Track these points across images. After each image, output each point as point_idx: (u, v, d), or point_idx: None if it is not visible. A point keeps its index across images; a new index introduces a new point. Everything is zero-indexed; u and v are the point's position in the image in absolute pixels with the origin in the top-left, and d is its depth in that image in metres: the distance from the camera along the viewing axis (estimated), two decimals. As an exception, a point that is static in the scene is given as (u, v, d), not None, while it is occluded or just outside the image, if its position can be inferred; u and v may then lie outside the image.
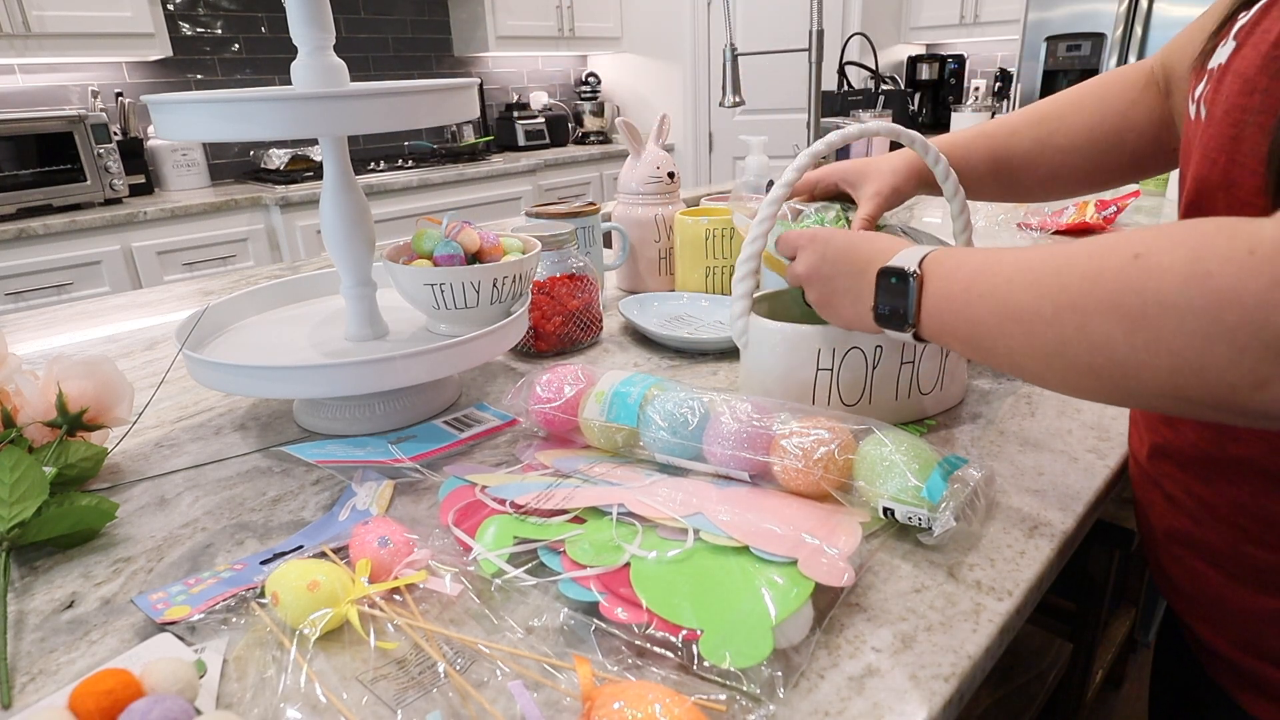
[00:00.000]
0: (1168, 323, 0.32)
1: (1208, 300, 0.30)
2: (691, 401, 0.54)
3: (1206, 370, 0.31)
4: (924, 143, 0.61)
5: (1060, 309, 0.37)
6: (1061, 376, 0.38)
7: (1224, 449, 0.44)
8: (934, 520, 0.45)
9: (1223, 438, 0.44)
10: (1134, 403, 0.37)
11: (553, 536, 0.46)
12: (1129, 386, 0.35)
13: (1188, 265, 0.31)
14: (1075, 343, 0.36)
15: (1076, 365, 0.37)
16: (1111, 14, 2.67)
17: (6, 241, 2.06)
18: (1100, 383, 0.36)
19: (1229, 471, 0.44)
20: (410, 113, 0.58)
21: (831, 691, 0.38)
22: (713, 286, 0.97)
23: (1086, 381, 0.37)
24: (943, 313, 0.46)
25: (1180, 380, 0.32)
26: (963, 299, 0.44)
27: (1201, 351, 0.31)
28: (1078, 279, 0.36)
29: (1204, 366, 0.31)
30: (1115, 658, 1.24)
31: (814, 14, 1.48)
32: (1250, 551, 0.43)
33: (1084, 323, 0.35)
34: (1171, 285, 0.32)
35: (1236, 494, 0.44)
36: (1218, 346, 0.30)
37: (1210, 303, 0.30)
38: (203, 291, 1.20)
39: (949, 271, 0.46)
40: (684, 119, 3.76)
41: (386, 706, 0.37)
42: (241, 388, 0.60)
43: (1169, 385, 0.33)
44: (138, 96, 2.62)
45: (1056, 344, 0.37)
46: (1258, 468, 0.42)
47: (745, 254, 0.61)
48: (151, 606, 0.44)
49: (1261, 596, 0.44)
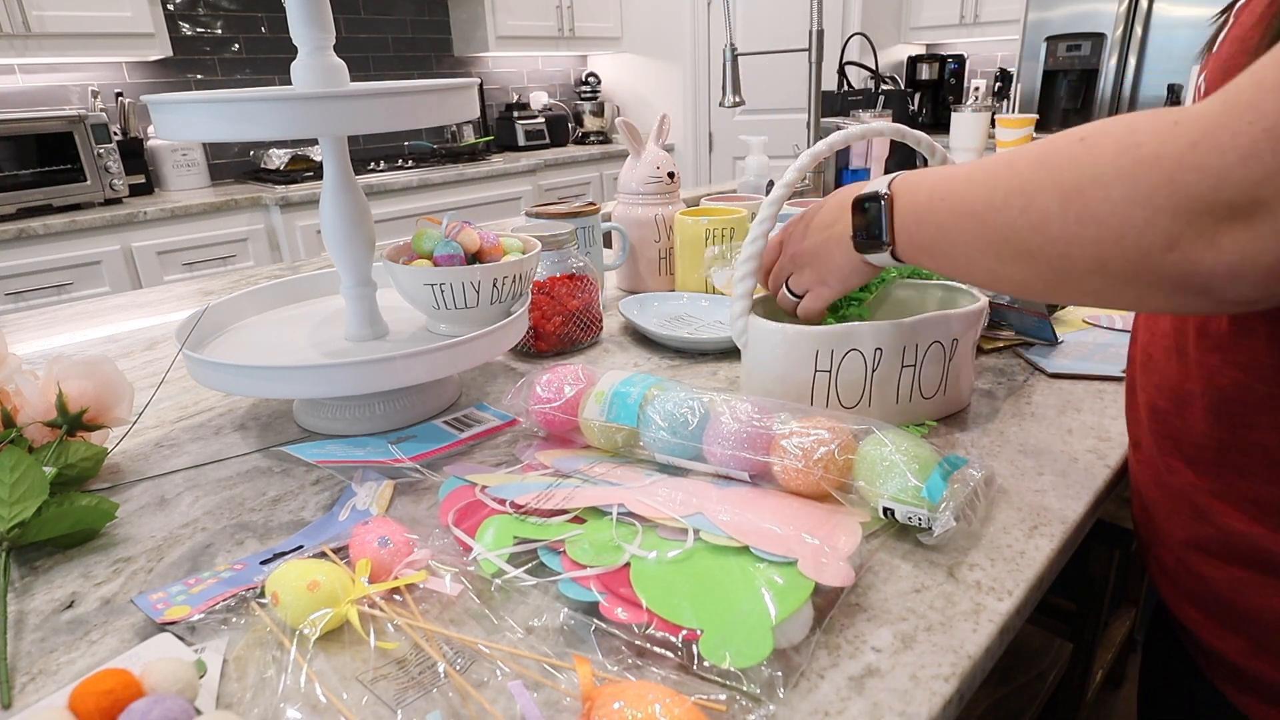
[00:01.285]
0: (1096, 191, 0.34)
1: (1133, 167, 0.33)
2: (691, 401, 0.54)
3: (1125, 235, 0.33)
4: (930, 143, 0.61)
5: (1009, 193, 0.39)
6: (1008, 267, 0.41)
7: (1238, 436, 0.43)
8: (934, 520, 0.45)
9: (1235, 424, 0.43)
10: (1066, 289, 0.39)
11: (553, 536, 0.46)
12: (1062, 267, 0.37)
13: (1122, 137, 0.34)
14: (1019, 225, 0.39)
15: (1018, 250, 0.39)
16: (1111, 14, 2.67)
17: (6, 241, 2.06)
18: (1037, 266, 0.39)
19: (1242, 464, 0.44)
20: (410, 113, 0.58)
21: (831, 691, 0.38)
22: (713, 286, 0.96)
23: (1026, 268, 0.39)
24: (911, 225, 0.49)
25: (1103, 250, 0.34)
26: (927, 205, 0.47)
27: (1123, 217, 0.33)
28: (1026, 164, 0.39)
29: (1123, 232, 0.33)
30: (1115, 658, 1.24)
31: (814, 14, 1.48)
32: (1265, 547, 0.43)
33: (1027, 203, 0.38)
34: (1105, 157, 0.34)
35: (1250, 487, 0.43)
36: (1136, 210, 0.33)
37: (1135, 169, 0.33)
38: (203, 291, 1.20)
39: (914, 184, 0.49)
40: (684, 119, 3.75)
41: (386, 706, 0.37)
42: (241, 388, 0.60)
43: (1094, 257, 0.35)
44: (138, 96, 2.62)
45: (1003, 229, 0.40)
46: (1272, 458, 0.42)
47: (745, 254, 0.61)
48: (151, 606, 0.44)
49: (1275, 598, 0.43)
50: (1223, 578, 0.46)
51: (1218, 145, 0.30)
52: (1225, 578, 0.45)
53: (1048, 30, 2.86)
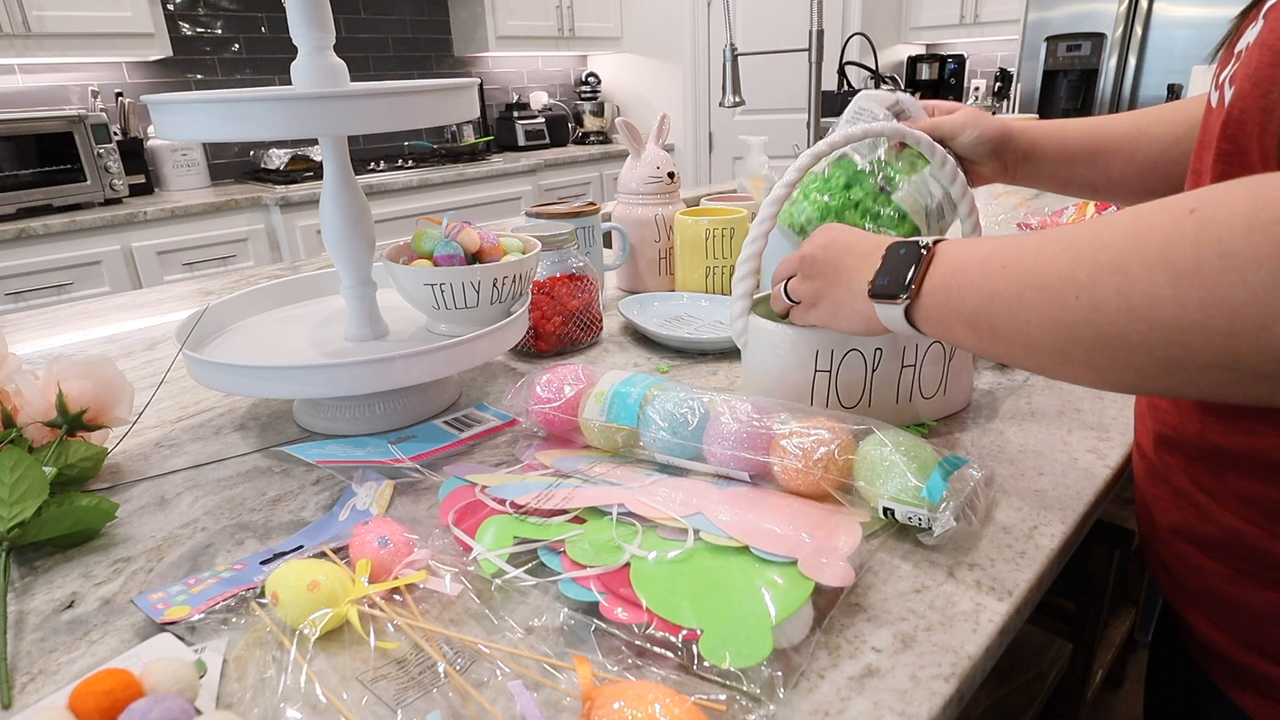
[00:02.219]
0: (1227, 276, 0.29)
1: (1276, 248, 0.27)
2: (691, 401, 0.54)
3: (1270, 328, 0.28)
4: (930, 143, 0.61)
5: (1098, 270, 0.33)
6: (1085, 354, 0.35)
7: (1234, 439, 0.43)
8: (934, 520, 0.45)
9: (1236, 428, 0.43)
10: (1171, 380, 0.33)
11: (553, 536, 0.46)
12: (1171, 356, 0.32)
13: (1251, 214, 0.28)
14: (1112, 308, 0.33)
15: (1108, 339, 0.33)
16: (1111, 14, 2.67)
17: (6, 241, 2.06)
18: (1133, 358, 0.33)
19: (1238, 463, 0.44)
20: (410, 113, 0.58)
21: (831, 691, 0.38)
22: (713, 286, 0.96)
23: (1114, 359, 0.34)
24: (950, 286, 0.43)
25: (1237, 344, 0.29)
26: (980, 270, 0.41)
27: (1266, 307, 0.28)
28: (1121, 238, 0.33)
29: (1267, 324, 0.28)
30: (1115, 658, 1.24)
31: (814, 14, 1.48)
32: (1257, 545, 0.43)
33: (1126, 284, 0.32)
34: (1233, 235, 0.29)
35: (1245, 486, 0.43)
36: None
37: (1276, 249, 0.27)
38: (203, 291, 1.20)
39: (965, 246, 0.44)
40: (684, 119, 3.75)
41: (386, 706, 0.37)
42: (241, 388, 0.60)
43: (1223, 350, 0.30)
44: (138, 96, 2.62)
45: (1089, 311, 0.34)
46: (1267, 460, 0.42)
47: (745, 254, 0.61)
48: (151, 606, 0.44)
49: (1265, 591, 0.43)
50: (1217, 572, 0.46)
51: None
52: (1219, 571, 0.46)
53: (1048, 30, 2.86)
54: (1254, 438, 0.42)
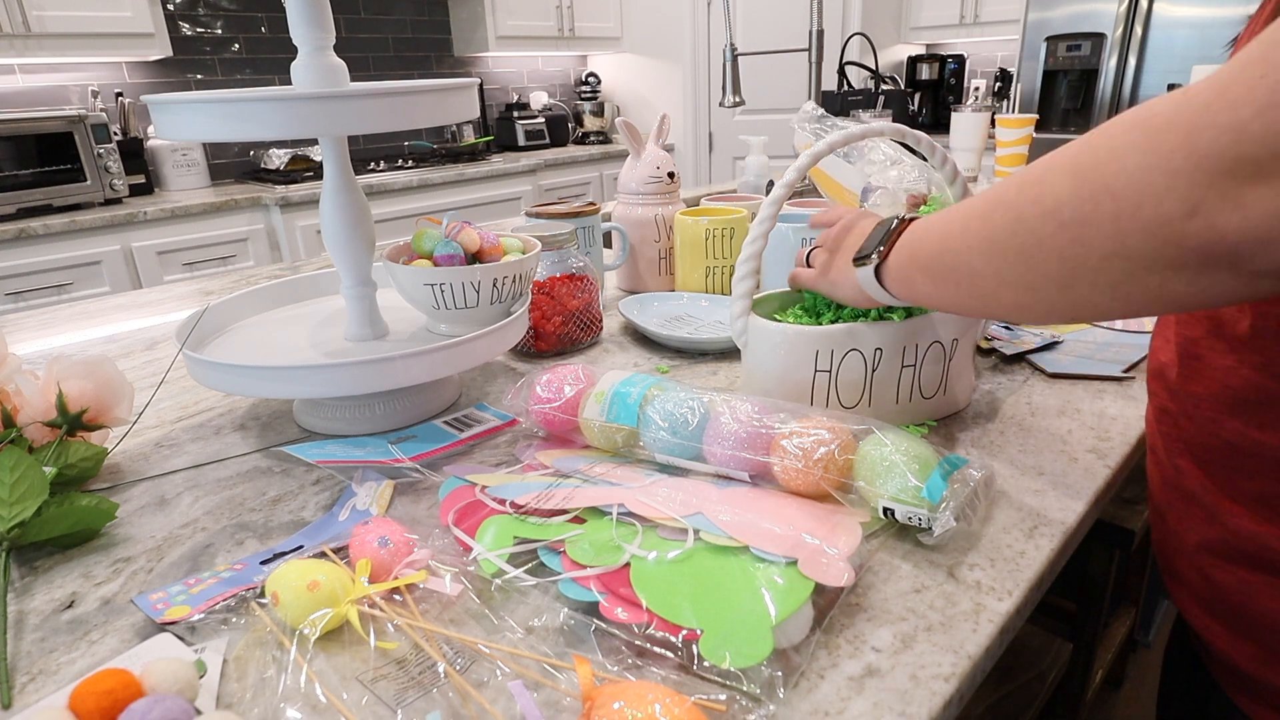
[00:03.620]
0: (1110, 165, 0.33)
1: (1148, 135, 0.31)
2: (691, 401, 0.54)
3: (1143, 205, 0.31)
4: (929, 142, 0.61)
5: (1024, 185, 0.37)
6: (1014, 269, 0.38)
7: (1246, 436, 0.43)
8: (934, 520, 0.45)
9: (1245, 423, 0.43)
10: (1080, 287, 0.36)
11: (553, 536, 0.46)
12: (1076, 256, 0.35)
13: (1134, 114, 0.33)
14: (1030, 215, 0.37)
15: (1027, 246, 0.37)
16: (1111, 14, 2.67)
17: (6, 241, 2.06)
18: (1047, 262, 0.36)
19: (1251, 462, 0.44)
20: (410, 113, 0.58)
21: (831, 691, 0.38)
22: (713, 286, 0.96)
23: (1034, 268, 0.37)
24: (912, 243, 0.48)
25: (1121, 225, 0.32)
26: (939, 221, 0.45)
27: (1140, 185, 0.31)
28: (1043, 162, 0.37)
29: (1141, 202, 0.31)
30: (1115, 658, 1.24)
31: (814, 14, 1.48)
32: (1271, 547, 0.43)
33: (1041, 191, 0.36)
34: (1118, 132, 0.33)
35: (1259, 486, 0.43)
36: (1154, 176, 0.31)
37: (1148, 137, 0.31)
38: (203, 291, 1.20)
39: (936, 215, 0.48)
40: (684, 119, 3.75)
41: (386, 706, 0.37)
42: (241, 388, 0.60)
43: (1111, 236, 0.33)
44: (138, 96, 2.62)
45: (1013, 223, 0.38)
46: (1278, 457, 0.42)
47: (745, 254, 0.61)
48: (151, 606, 0.44)
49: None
50: (1232, 581, 0.45)
51: (1232, 101, 0.29)
52: (1235, 581, 0.45)
53: (1048, 30, 2.86)
54: (1265, 433, 0.42)
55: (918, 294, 0.49)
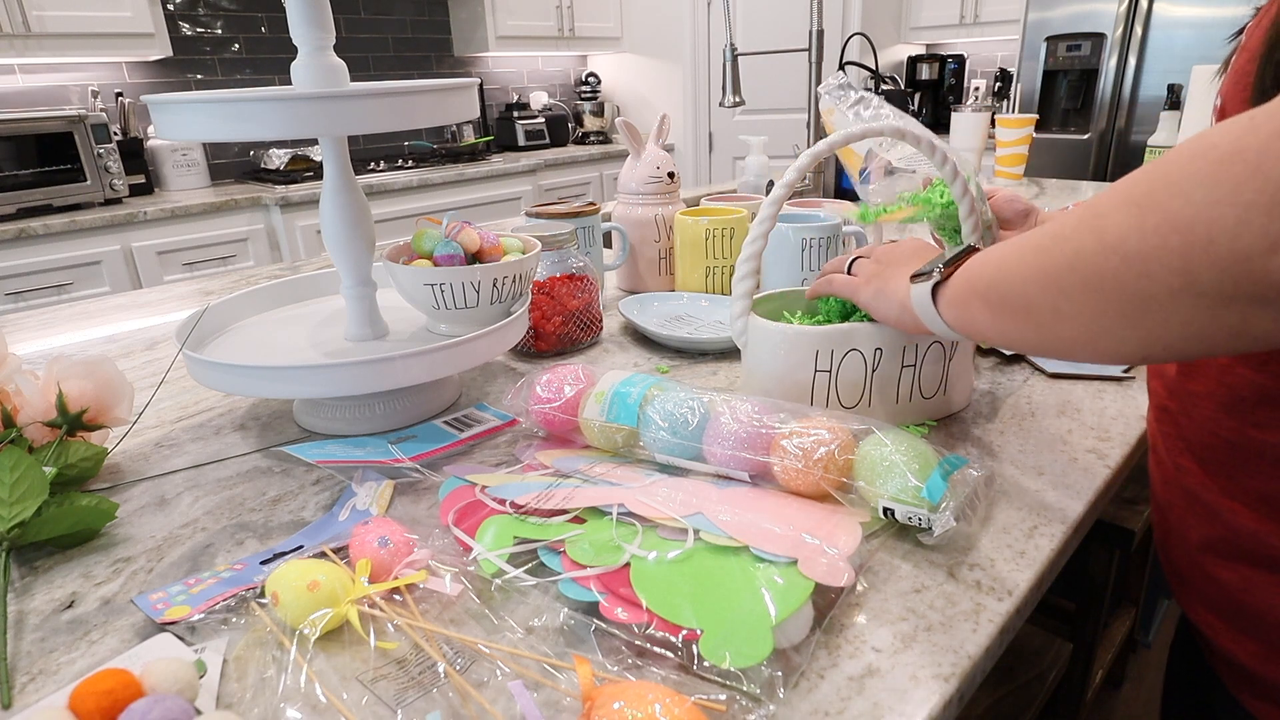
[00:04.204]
0: (1174, 199, 0.31)
1: (1211, 166, 0.30)
2: (691, 401, 0.54)
3: (1216, 241, 0.29)
4: (929, 141, 0.61)
5: (1082, 220, 0.36)
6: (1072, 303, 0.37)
7: (1245, 434, 0.43)
8: (934, 520, 0.45)
9: (1244, 421, 0.43)
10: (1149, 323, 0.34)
11: (553, 536, 0.46)
12: (1141, 289, 0.33)
13: (1191, 146, 0.31)
14: (1089, 249, 0.35)
15: (1087, 279, 0.35)
16: (1111, 14, 2.67)
17: (6, 241, 2.06)
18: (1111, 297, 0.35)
19: (1247, 461, 0.44)
20: (410, 113, 0.58)
21: (831, 691, 0.38)
22: (713, 286, 0.97)
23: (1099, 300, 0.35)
24: (974, 269, 0.47)
25: (1191, 261, 0.30)
26: (999, 251, 0.44)
27: (1209, 220, 0.30)
28: (1102, 195, 0.36)
29: (1212, 237, 0.29)
30: (1115, 658, 1.24)
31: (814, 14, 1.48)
32: (1271, 544, 0.43)
33: (1101, 225, 0.35)
34: (1177, 166, 0.32)
35: (1260, 484, 0.43)
36: (1224, 210, 0.29)
37: (1213, 169, 0.30)
38: (203, 291, 1.20)
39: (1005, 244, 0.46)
40: (684, 119, 3.75)
41: (386, 706, 0.37)
42: (241, 388, 0.60)
43: (1180, 272, 0.31)
44: (138, 96, 2.62)
45: (1071, 257, 0.36)
46: (1278, 455, 0.42)
47: (745, 254, 0.61)
48: (151, 606, 0.44)
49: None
50: (1234, 579, 0.46)
51: None
52: (1237, 578, 0.45)
53: (1048, 30, 2.86)
54: (1265, 432, 0.42)
55: (973, 321, 0.47)
